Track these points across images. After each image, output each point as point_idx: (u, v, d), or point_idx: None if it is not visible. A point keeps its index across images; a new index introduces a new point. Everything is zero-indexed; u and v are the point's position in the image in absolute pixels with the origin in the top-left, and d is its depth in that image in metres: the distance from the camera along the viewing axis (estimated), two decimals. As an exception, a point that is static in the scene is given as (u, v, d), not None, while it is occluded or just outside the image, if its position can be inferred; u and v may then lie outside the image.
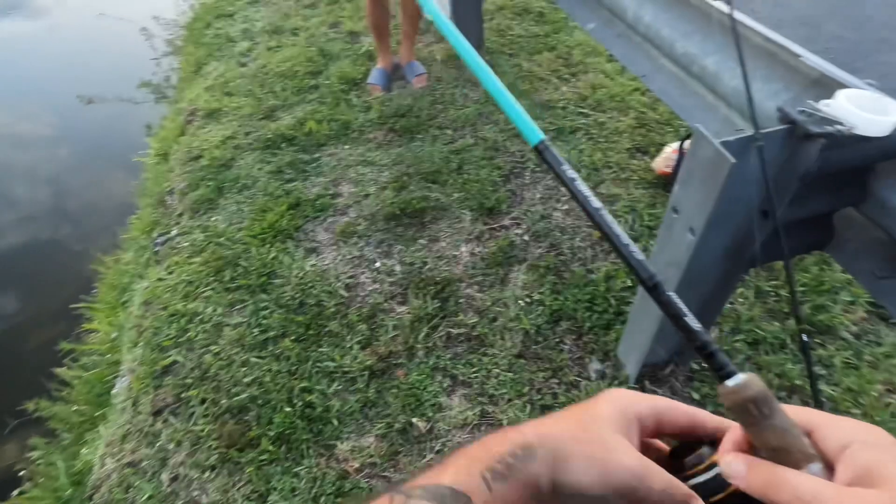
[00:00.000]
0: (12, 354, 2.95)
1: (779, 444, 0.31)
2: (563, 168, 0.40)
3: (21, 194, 3.95)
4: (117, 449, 1.51)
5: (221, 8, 3.82)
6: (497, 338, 1.57)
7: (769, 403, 0.31)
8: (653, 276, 0.35)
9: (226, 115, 2.67)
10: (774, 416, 0.31)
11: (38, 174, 4.12)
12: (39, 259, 3.50)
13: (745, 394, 0.31)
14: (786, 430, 0.31)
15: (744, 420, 0.32)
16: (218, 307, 1.77)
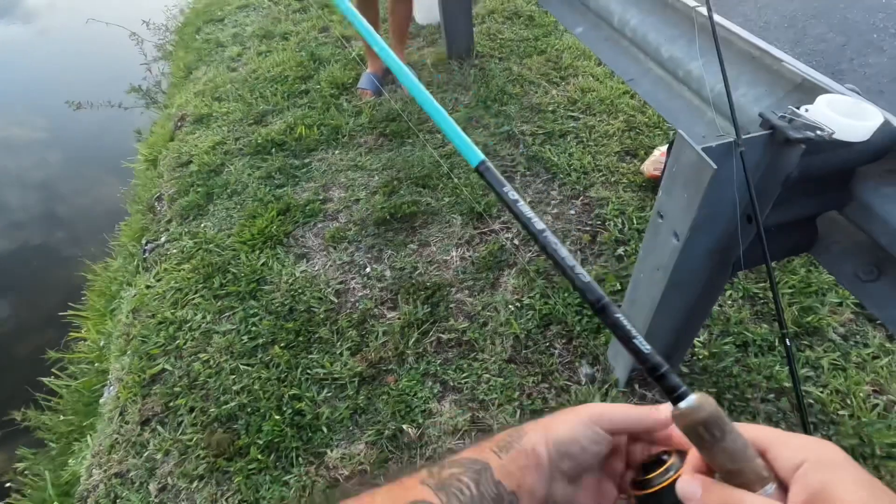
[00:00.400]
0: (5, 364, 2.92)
1: (732, 466, 0.31)
2: (505, 189, 0.40)
3: (9, 200, 3.91)
4: (104, 459, 1.49)
5: (211, 13, 3.81)
6: (487, 342, 1.57)
7: (720, 426, 0.31)
8: (601, 299, 0.36)
9: (215, 121, 2.65)
10: (726, 439, 0.31)
11: (26, 179, 4.09)
12: (27, 266, 3.47)
13: (696, 416, 0.31)
14: (738, 451, 0.31)
15: (697, 442, 0.32)
16: (207, 314, 1.76)
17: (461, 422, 1.40)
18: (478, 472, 0.36)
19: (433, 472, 0.36)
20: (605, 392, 1.41)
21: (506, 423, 1.38)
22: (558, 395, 1.43)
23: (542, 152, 2.14)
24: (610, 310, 0.36)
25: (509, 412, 1.40)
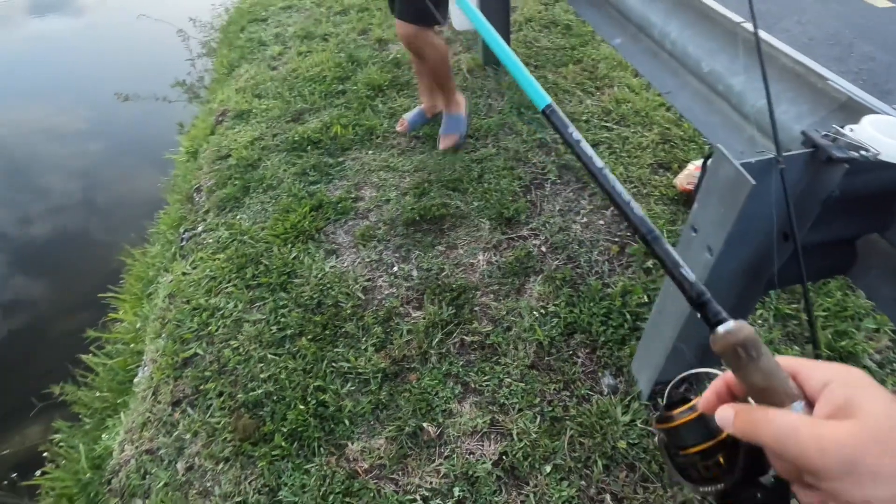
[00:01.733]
0: (41, 339, 3.06)
1: (765, 384, 0.33)
2: (569, 130, 0.44)
3: (55, 186, 4.11)
4: (136, 436, 1.56)
5: (255, 12, 3.93)
6: (510, 347, 1.58)
7: (757, 347, 0.33)
8: (652, 230, 0.39)
9: (255, 117, 2.74)
10: (761, 359, 0.33)
11: (73, 167, 4.28)
12: (70, 248, 3.63)
13: (735, 338, 0.33)
14: (771, 370, 0.33)
15: (733, 363, 0.34)
16: (239, 303, 1.82)
17: (481, 424, 1.42)
18: None
19: None
20: (627, 404, 1.40)
21: (525, 428, 1.38)
22: (579, 403, 1.43)
23: (574, 161, 2.14)
24: (661, 241, 0.39)
25: (529, 417, 1.41)
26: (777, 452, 0.31)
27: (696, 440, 0.37)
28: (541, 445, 1.35)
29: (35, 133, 4.76)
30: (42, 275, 3.47)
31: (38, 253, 3.63)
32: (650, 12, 1.63)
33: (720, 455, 0.37)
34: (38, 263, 3.55)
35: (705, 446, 0.37)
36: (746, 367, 0.33)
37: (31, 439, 2.54)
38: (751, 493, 0.36)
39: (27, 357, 2.99)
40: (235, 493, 1.36)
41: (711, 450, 0.37)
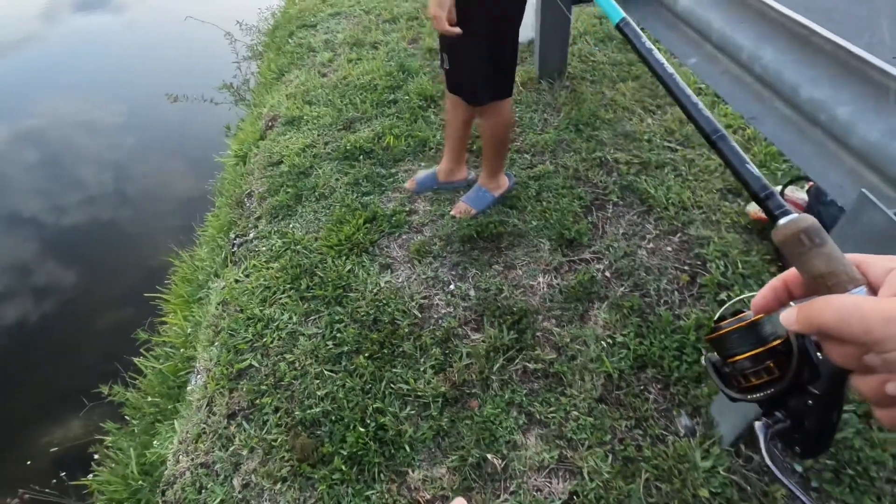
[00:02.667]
0: (83, 332, 3.11)
1: (827, 269, 0.33)
2: (642, 40, 0.49)
3: (100, 181, 4.19)
4: (192, 448, 1.54)
5: (304, 18, 3.95)
6: (576, 378, 1.52)
7: (821, 234, 0.34)
8: (717, 130, 0.41)
9: (306, 124, 2.74)
10: (826, 245, 0.33)
11: (118, 163, 4.37)
12: (114, 244, 3.69)
13: (799, 225, 0.34)
14: (835, 256, 0.33)
15: (795, 252, 0.34)
16: (294, 315, 1.79)
17: (548, 459, 1.35)
18: None
19: None
20: (707, 448, 1.32)
21: (596, 467, 1.32)
22: (653, 444, 1.36)
23: (637, 182, 2.07)
24: (727, 140, 0.41)
25: (600, 456, 1.34)
26: (838, 332, 0.30)
27: (745, 346, 0.37)
28: (614, 487, 1.28)
29: (79, 128, 4.88)
30: (85, 268, 3.53)
31: (81, 246, 3.70)
32: (738, 35, 1.56)
33: (770, 361, 0.37)
34: (82, 256, 3.61)
35: (755, 351, 0.37)
36: (809, 252, 0.33)
37: (73, 434, 2.56)
38: (801, 400, 0.36)
39: (69, 350, 3.04)
40: (294, 517, 1.32)
41: (761, 355, 0.37)
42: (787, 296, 0.37)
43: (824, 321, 0.31)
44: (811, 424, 0.36)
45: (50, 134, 4.81)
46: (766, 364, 0.37)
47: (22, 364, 2.94)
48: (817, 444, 0.37)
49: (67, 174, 4.33)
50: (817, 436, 0.36)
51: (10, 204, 3.99)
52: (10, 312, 3.24)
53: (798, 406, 0.36)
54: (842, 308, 0.30)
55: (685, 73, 2.56)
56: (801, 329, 0.33)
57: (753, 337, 0.37)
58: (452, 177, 2.18)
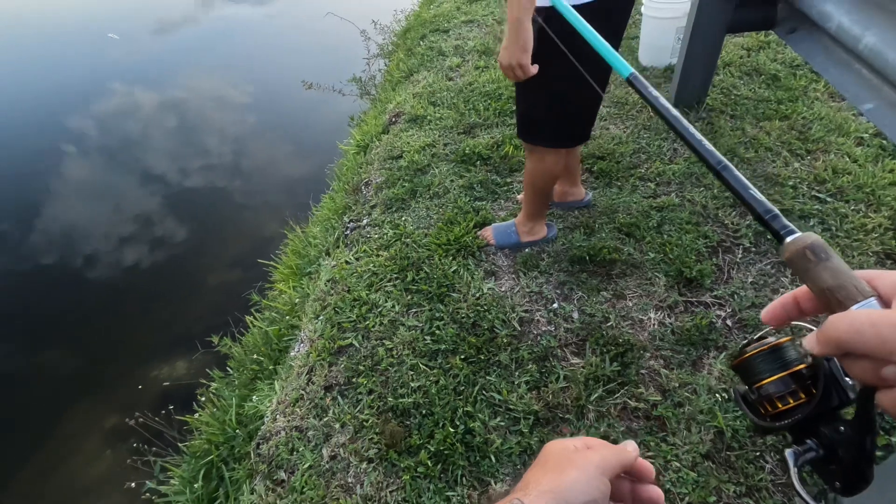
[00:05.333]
0: (201, 286, 3.44)
1: (835, 282, 0.33)
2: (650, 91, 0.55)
3: (232, 153, 4.63)
4: (289, 410, 1.64)
5: (437, 23, 4.10)
6: (681, 427, 1.41)
7: (826, 250, 0.35)
8: (721, 161, 0.45)
9: (428, 123, 2.83)
10: (831, 259, 0.34)
11: (248, 139, 4.80)
12: (235, 210, 4.05)
13: (804, 242, 0.35)
14: (841, 269, 0.34)
15: (802, 268, 0.35)
16: (396, 305, 1.85)
17: (641, 506, 1.27)
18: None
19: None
20: (832, 539, 1.16)
21: None
22: (766, 519, 1.22)
23: (775, 230, 1.89)
24: (730, 170, 0.44)
25: (701, 517, 1.23)
26: (853, 345, 0.31)
27: (769, 370, 0.37)
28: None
29: (218, 103, 5.44)
30: (208, 227, 3.91)
31: (206, 207, 4.10)
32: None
33: (796, 385, 0.36)
34: (206, 217, 4.01)
35: (780, 375, 0.37)
36: (815, 268, 0.34)
37: (181, 374, 2.84)
38: (833, 427, 0.35)
39: (188, 298, 3.38)
40: (376, 499, 1.35)
41: (786, 379, 0.36)
42: (797, 309, 0.38)
43: (839, 335, 0.31)
44: (845, 453, 0.35)
45: (190, 105, 5.41)
46: (792, 388, 0.37)
47: (147, 303, 3.32)
48: (856, 477, 0.35)
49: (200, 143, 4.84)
50: (854, 467, 0.35)
51: (149, 162, 4.52)
52: (140, 257, 3.67)
53: (830, 433, 0.36)
54: (854, 321, 0.31)
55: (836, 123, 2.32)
56: (820, 348, 0.33)
57: (778, 361, 0.38)
58: (565, 198, 2.14)
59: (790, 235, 0.37)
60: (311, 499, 1.38)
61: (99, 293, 3.39)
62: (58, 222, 3.98)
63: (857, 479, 0.36)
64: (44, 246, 3.75)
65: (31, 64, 6.21)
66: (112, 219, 4.00)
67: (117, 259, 3.68)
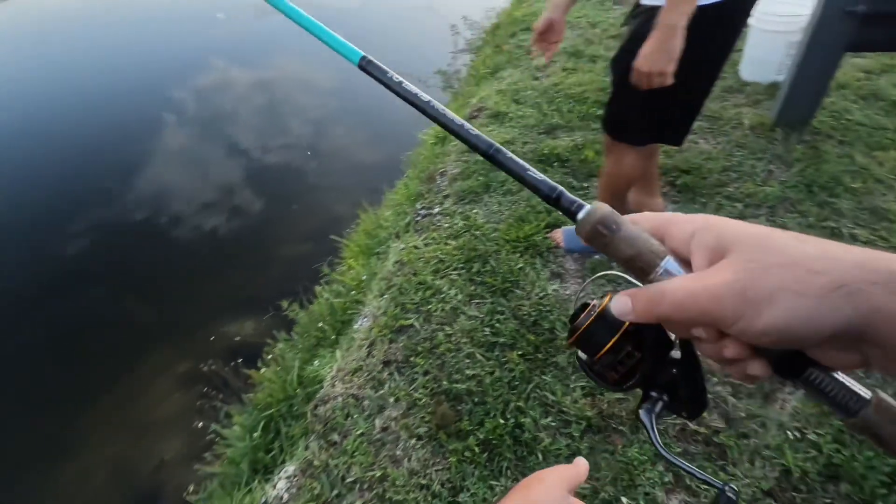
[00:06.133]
0: (276, 253, 3.66)
1: (632, 251, 0.34)
2: (389, 75, 0.46)
3: (312, 133, 4.85)
4: (347, 378, 1.72)
5: (528, 22, 4.08)
6: (744, 458, 1.34)
7: (616, 220, 0.34)
8: (491, 145, 0.40)
9: (510, 120, 2.83)
10: (622, 229, 0.34)
11: (329, 121, 5.01)
12: (312, 187, 4.26)
13: (594, 217, 0.35)
14: (634, 237, 0.34)
15: (600, 242, 0.35)
16: (460, 293, 1.88)
17: (690, 531, 1.23)
18: None
19: None
20: None
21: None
22: (829, 570, 1.14)
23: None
24: (503, 152, 0.40)
25: (755, 554, 1.17)
26: (678, 319, 0.32)
27: (605, 338, 0.38)
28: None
29: (305, 85, 5.71)
30: (286, 200, 4.14)
31: (284, 181, 4.34)
32: None
33: (628, 345, 0.38)
34: (284, 190, 4.24)
35: (613, 341, 0.38)
36: (611, 241, 0.34)
37: (250, 332, 3.04)
38: (666, 372, 0.38)
39: (263, 262, 3.61)
40: (421, 474, 1.40)
41: (619, 343, 0.38)
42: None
43: (663, 312, 0.32)
44: (685, 392, 0.38)
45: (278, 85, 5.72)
46: (626, 350, 0.38)
47: (225, 264, 3.58)
48: (698, 404, 0.39)
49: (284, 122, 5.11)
50: (695, 399, 0.38)
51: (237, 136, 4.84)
52: (222, 222, 3.95)
53: (667, 378, 0.38)
54: (674, 296, 0.31)
55: None
56: (640, 320, 0.33)
57: (606, 325, 0.38)
58: (641, 209, 2.07)
59: (580, 211, 0.36)
60: (360, 463, 1.44)
61: (182, 251, 3.68)
62: (153, 183, 4.35)
63: (700, 405, 0.39)
64: (139, 203, 4.13)
65: (145, 37, 6.83)
66: (200, 185, 4.34)
67: (201, 221, 3.98)
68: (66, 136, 4.78)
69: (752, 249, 0.30)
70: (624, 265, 0.35)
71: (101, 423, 2.72)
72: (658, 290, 0.32)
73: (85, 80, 5.63)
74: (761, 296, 0.28)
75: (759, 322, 0.29)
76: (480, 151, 0.41)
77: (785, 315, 0.28)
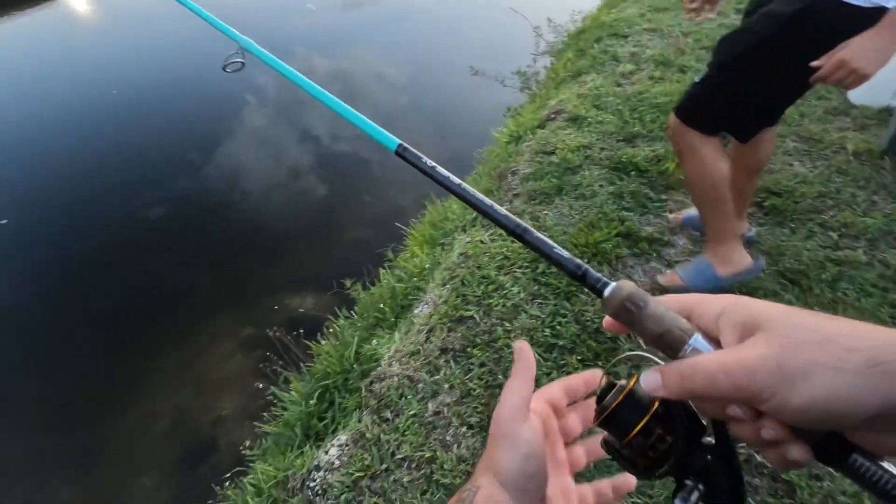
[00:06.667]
0: (345, 235, 3.80)
1: (659, 328, 0.34)
2: (423, 160, 0.51)
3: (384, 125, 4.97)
4: (405, 360, 1.76)
5: (617, 27, 3.98)
6: (815, 501, 1.25)
7: (642, 297, 0.35)
8: (519, 225, 0.43)
9: (588, 125, 2.78)
10: (648, 306, 0.35)
11: (402, 115, 5.12)
12: (378, 177, 4.37)
13: (620, 295, 0.36)
14: (661, 314, 0.34)
15: (626, 319, 0.36)
16: (522, 291, 1.88)
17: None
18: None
19: None
20: None
21: None
22: None
23: None
24: (531, 232, 0.42)
25: None
26: (710, 395, 0.31)
27: (634, 419, 0.36)
28: None
29: (377, 78, 5.86)
30: (356, 187, 4.29)
31: (354, 169, 4.49)
32: None
33: (659, 428, 0.36)
34: (354, 177, 4.39)
35: (644, 422, 0.36)
36: (639, 318, 0.35)
37: (313, 305, 3.18)
38: (701, 458, 0.36)
39: (332, 242, 3.76)
40: (469, 462, 1.41)
41: (649, 425, 0.36)
42: None
43: (696, 387, 0.31)
44: (721, 480, 0.36)
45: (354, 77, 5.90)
46: (657, 432, 0.36)
47: (294, 240, 3.76)
48: (737, 495, 0.36)
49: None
50: (732, 491, 0.36)
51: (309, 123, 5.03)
52: (293, 202, 4.15)
53: (702, 465, 0.36)
54: (706, 371, 0.31)
55: None
56: (672, 396, 0.33)
57: (636, 406, 0.37)
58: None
59: (606, 288, 0.37)
60: (410, 442, 1.48)
61: (256, 226, 3.90)
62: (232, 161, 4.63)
63: (738, 499, 0.36)
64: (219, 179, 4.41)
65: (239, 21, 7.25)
66: (275, 166, 4.57)
67: (274, 200, 4.20)
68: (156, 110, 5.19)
69: (785, 326, 0.30)
70: (652, 343, 0.35)
71: (168, 376, 2.95)
72: (690, 364, 0.32)
73: (177, 58, 6.07)
74: (797, 370, 0.28)
75: (796, 398, 0.28)
76: (509, 231, 0.44)
77: (823, 391, 0.27)
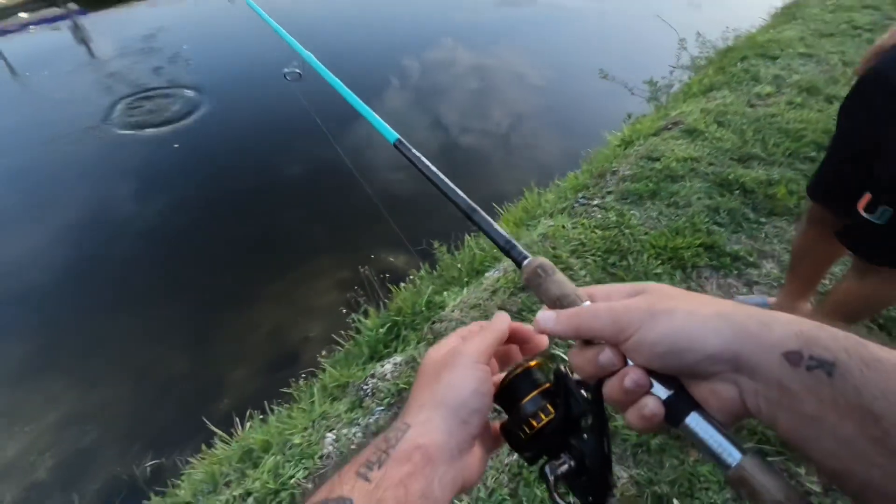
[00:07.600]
0: (439, 205, 4.08)
1: (559, 292, 0.41)
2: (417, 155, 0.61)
3: (510, 118, 5.13)
4: (466, 309, 1.97)
5: (768, 48, 3.74)
6: (830, 529, 1.23)
7: (552, 268, 0.43)
8: (472, 206, 0.51)
9: (703, 139, 2.73)
10: (555, 275, 0.43)
11: (527, 112, 5.24)
12: (486, 163, 4.57)
13: (535, 263, 0.44)
14: (563, 282, 0.42)
15: (536, 282, 0.43)
16: (589, 277, 1.97)
17: (734, 559, 1.20)
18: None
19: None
20: None
21: None
22: None
23: None
24: (479, 212, 0.50)
25: None
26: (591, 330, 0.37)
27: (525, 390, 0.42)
28: None
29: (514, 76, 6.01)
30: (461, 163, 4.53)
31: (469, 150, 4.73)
32: None
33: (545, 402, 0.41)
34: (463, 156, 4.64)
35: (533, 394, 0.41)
36: (545, 282, 0.42)
37: (401, 263, 3.52)
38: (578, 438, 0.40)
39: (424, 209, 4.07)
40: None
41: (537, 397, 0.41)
42: None
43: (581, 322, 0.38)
44: (591, 460, 0.39)
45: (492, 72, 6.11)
46: (542, 404, 0.41)
47: (397, 206, 4.13)
48: (602, 484, 0.39)
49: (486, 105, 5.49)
50: (599, 473, 0.39)
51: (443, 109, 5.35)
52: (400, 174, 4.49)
53: (577, 444, 0.40)
54: (594, 308, 0.38)
55: None
56: (561, 328, 0.38)
57: (529, 381, 0.42)
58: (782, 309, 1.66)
59: (525, 260, 0.45)
60: (452, 373, 1.68)
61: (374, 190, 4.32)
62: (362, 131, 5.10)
63: (603, 486, 0.39)
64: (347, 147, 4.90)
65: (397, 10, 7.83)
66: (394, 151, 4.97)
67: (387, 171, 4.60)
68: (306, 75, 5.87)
69: (662, 289, 0.38)
70: (552, 305, 0.41)
71: (275, 297, 3.46)
72: (581, 307, 0.39)
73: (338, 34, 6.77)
74: (661, 311, 0.35)
75: (652, 332, 0.34)
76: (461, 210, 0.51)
77: (675, 328, 0.34)
